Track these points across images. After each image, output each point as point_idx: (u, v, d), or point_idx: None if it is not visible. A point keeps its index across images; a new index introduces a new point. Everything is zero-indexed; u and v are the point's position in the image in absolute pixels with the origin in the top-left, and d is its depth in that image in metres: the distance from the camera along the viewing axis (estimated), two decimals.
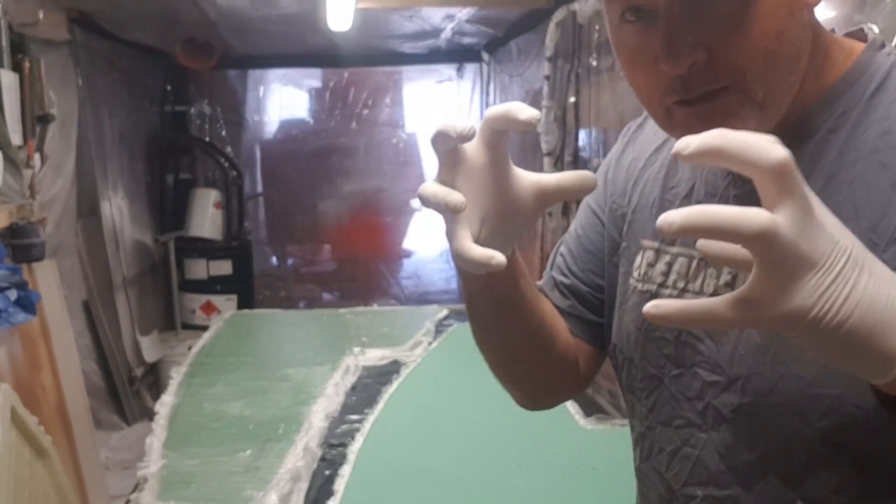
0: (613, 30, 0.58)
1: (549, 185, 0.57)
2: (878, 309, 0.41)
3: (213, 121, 4.93)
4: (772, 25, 0.52)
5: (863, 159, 0.54)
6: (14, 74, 2.54)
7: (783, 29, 0.53)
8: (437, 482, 1.70)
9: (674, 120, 0.57)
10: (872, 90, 0.56)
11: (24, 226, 2.45)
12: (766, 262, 0.40)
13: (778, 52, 0.53)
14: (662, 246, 0.67)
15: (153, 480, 1.68)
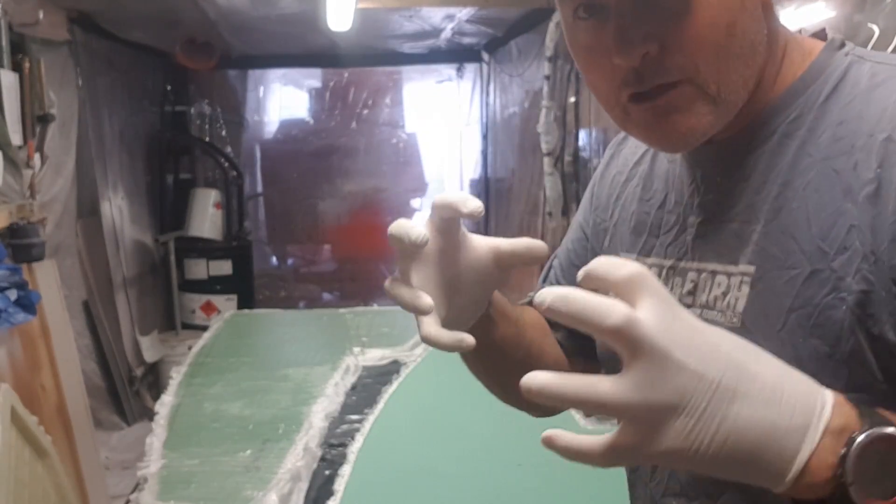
0: (568, 28, 0.58)
1: (504, 251, 0.59)
2: (756, 433, 0.41)
3: (213, 121, 4.93)
4: (722, 18, 0.52)
5: (816, 165, 0.54)
6: (14, 74, 2.54)
7: (734, 22, 0.53)
8: (437, 482, 1.70)
9: (631, 118, 0.57)
10: (827, 93, 0.56)
11: (25, 226, 2.45)
12: (626, 357, 0.41)
13: (729, 45, 0.53)
14: (639, 258, 0.67)
15: (153, 480, 1.68)
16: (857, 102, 0.54)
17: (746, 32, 0.54)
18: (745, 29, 0.53)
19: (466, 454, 1.83)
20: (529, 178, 3.88)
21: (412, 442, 1.93)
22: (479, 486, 1.67)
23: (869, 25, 1.66)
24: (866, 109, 0.53)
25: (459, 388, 2.32)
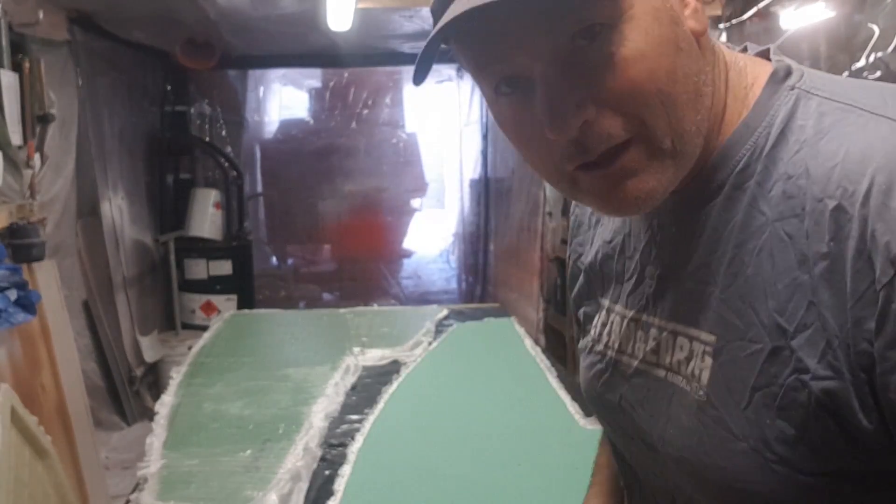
0: (491, 105, 0.53)
1: None
2: None
3: (213, 121, 4.93)
4: (659, 64, 0.48)
5: (769, 227, 0.49)
6: (14, 74, 2.54)
7: (673, 66, 0.48)
8: (437, 482, 1.70)
9: (581, 187, 0.52)
10: (774, 139, 0.51)
11: (24, 226, 2.45)
12: None
13: (673, 92, 0.48)
14: (611, 304, 0.65)
15: (153, 480, 1.68)
16: (805, 153, 0.49)
17: (689, 75, 0.49)
18: (687, 71, 0.49)
19: (466, 454, 1.83)
20: (529, 178, 3.88)
21: (412, 442, 1.93)
22: (479, 485, 1.67)
23: (869, 25, 1.66)
24: (814, 165, 0.48)
25: (459, 388, 2.32)
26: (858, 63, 1.69)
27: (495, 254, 4.93)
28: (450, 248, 5.44)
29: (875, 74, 1.64)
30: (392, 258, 5.40)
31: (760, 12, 2.06)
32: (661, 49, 0.48)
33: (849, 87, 0.51)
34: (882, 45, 1.62)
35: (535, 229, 3.72)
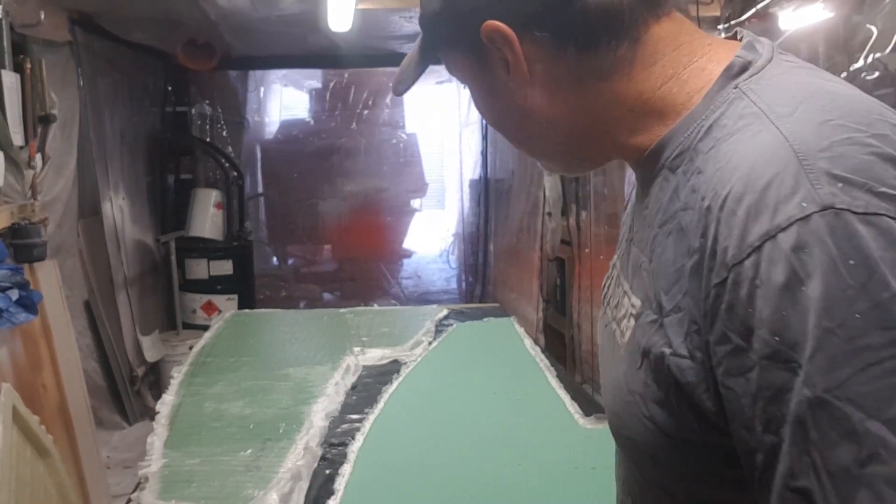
0: None
1: None
2: None
3: (214, 121, 4.94)
4: (490, 119, 0.69)
5: (678, 215, 0.54)
6: (15, 75, 2.55)
7: (500, 124, 0.68)
8: (437, 481, 1.70)
9: None
10: (703, 134, 0.55)
11: (26, 226, 2.46)
12: None
13: (519, 137, 0.68)
14: (614, 261, 0.72)
15: (154, 479, 1.68)
16: (712, 153, 0.53)
17: (512, 129, 0.67)
18: (509, 127, 0.67)
19: (466, 454, 1.83)
20: (529, 178, 3.89)
21: (412, 441, 1.93)
22: (478, 485, 1.68)
23: (867, 26, 1.66)
24: (710, 165, 0.52)
25: (459, 388, 2.33)
26: (857, 64, 1.70)
27: (495, 254, 4.94)
28: (450, 248, 5.44)
29: (873, 75, 1.65)
30: (392, 258, 5.41)
31: (759, 13, 2.06)
32: (508, 116, 0.68)
33: (784, 90, 0.53)
34: (880, 45, 1.62)
35: (535, 229, 3.73)
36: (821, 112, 0.50)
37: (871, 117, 0.50)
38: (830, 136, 0.48)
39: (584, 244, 3.19)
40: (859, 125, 0.49)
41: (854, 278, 0.44)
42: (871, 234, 0.44)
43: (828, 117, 0.49)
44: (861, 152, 0.47)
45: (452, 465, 1.77)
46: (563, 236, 3.39)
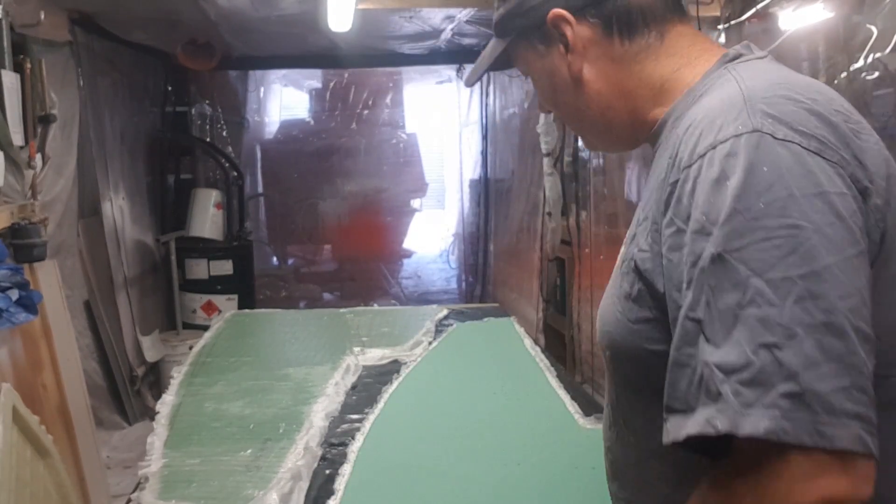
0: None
1: None
2: None
3: (214, 121, 4.94)
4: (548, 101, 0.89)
5: (664, 155, 0.71)
6: (15, 75, 2.55)
7: (557, 103, 0.88)
8: (436, 481, 1.70)
9: None
10: (696, 99, 0.73)
11: (26, 226, 2.46)
12: None
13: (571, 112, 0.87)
14: None
15: (154, 479, 1.68)
16: (694, 106, 0.72)
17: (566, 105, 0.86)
18: (563, 102, 0.86)
19: (466, 453, 1.83)
20: (529, 178, 3.89)
21: (412, 441, 1.93)
22: (478, 485, 1.68)
23: (867, 26, 1.66)
24: (689, 114, 0.71)
25: (459, 388, 2.32)
26: (857, 64, 1.69)
27: (495, 254, 4.94)
28: (450, 248, 5.44)
29: (873, 75, 1.65)
30: (392, 258, 5.41)
31: (759, 13, 2.06)
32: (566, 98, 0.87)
33: (756, 70, 0.72)
34: (880, 45, 1.62)
35: (535, 229, 3.73)
36: (775, 81, 0.68)
37: (812, 91, 0.67)
38: (774, 92, 0.66)
39: (584, 244, 3.19)
40: (800, 92, 0.66)
41: (764, 179, 0.61)
42: (784, 153, 0.62)
43: (778, 83, 0.68)
44: (793, 105, 0.65)
45: (452, 464, 1.77)
46: (563, 236, 3.39)
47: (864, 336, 0.59)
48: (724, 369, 0.59)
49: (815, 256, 0.59)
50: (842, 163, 0.63)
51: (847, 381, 0.57)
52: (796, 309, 0.58)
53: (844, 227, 0.60)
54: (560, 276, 3.49)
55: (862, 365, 0.58)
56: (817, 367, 0.57)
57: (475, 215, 5.22)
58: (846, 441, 0.56)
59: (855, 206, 0.61)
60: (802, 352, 0.57)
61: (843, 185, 0.62)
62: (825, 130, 0.63)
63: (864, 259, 0.61)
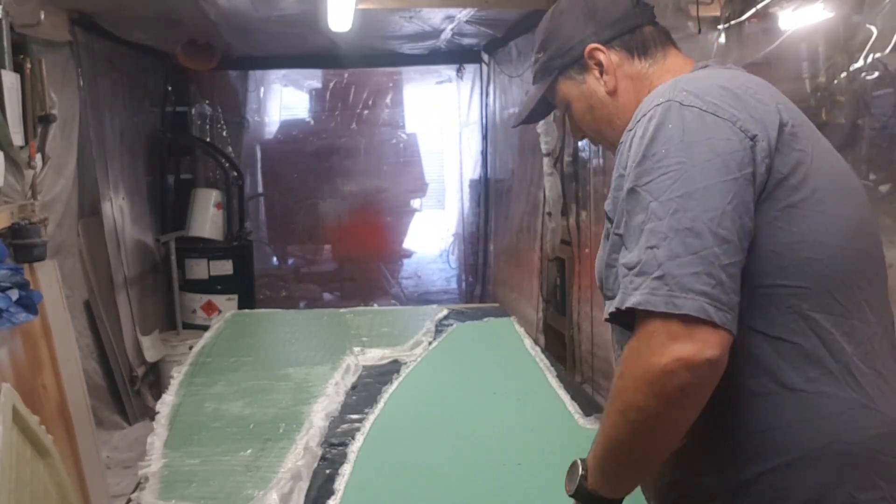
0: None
1: None
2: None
3: (214, 121, 4.94)
4: (586, 122, 1.12)
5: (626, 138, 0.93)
6: (15, 75, 2.55)
7: (593, 118, 1.10)
8: (437, 481, 1.70)
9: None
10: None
11: (26, 226, 2.46)
12: None
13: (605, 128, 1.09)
14: None
15: (154, 479, 1.69)
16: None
17: (603, 116, 1.09)
18: (601, 115, 1.09)
19: (466, 453, 1.83)
20: (529, 178, 3.89)
21: (412, 441, 1.93)
22: (478, 485, 1.68)
23: (867, 26, 1.66)
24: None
25: (459, 388, 2.32)
26: (857, 64, 1.69)
27: (495, 254, 4.93)
28: (450, 248, 5.44)
29: (873, 75, 1.65)
30: (392, 258, 5.41)
31: (759, 13, 2.06)
32: (585, 115, 1.12)
33: (707, 70, 0.98)
34: (880, 45, 1.62)
35: (535, 229, 3.72)
36: (704, 73, 0.96)
37: (730, 77, 0.93)
38: (696, 76, 0.94)
39: (584, 244, 3.18)
40: (717, 76, 0.93)
41: (667, 133, 0.85)
42: (686, 114, 0.86)
43: (705, 74, 0.96)
44: (706, 82, 0.90)
45: (452, 464, 1.77)
46: (563, 236, 3.39)
47: (721, 238, 0.80)
48: (627, 266, 0.83)
49: (691, 182, 0.81)
50: (732, 118, 0.85)
51: (700, 268, 0.79)
52: (672, 220, 0.81)
53: (720, 162, 0.82)
54: (560, 276, 3.49)
55: (715, 258, 0.79)
56: (678, 258, 0.79)
57: (475, 215, 5.22)
58: (691, 310, 0.77)
59: (739, 147, 0.83)
60: (670, 248, 0.80)
61: (731, 132, 0.84)
62: (726, 97, 0.86)
63: (735, 184, 0.82)
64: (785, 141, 0.86)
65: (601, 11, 1.08)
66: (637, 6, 1.09)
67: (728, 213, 0.80)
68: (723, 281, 0.78)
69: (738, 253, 0.81)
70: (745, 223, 0.81)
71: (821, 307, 0.84)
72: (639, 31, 1.07)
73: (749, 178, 0.82)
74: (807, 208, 0.85)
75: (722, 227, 0.80)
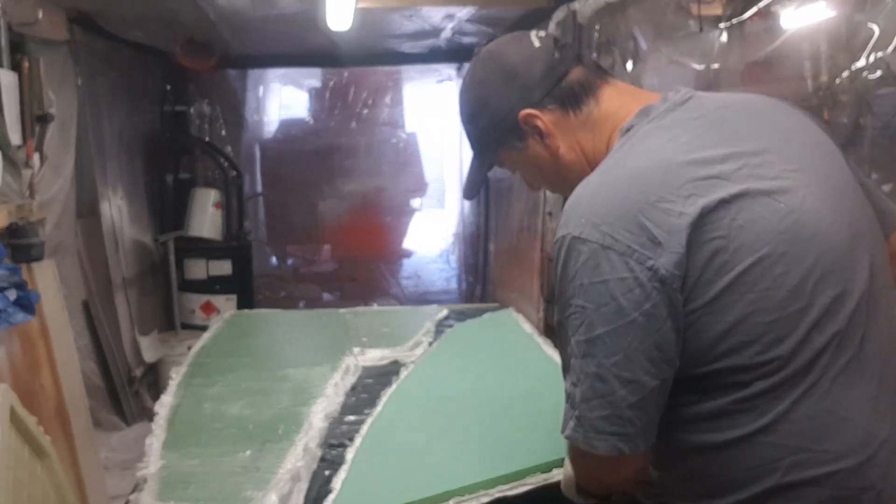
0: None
1: None
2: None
3: (213, 120, 4.93)
4: (537, 180, 1.15)
5: None
6: (13, 74, 2.54)
7: (544, 178, 1.12)
8: (437, 481, 1.69)
9: None
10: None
11: (24, 226, 2.45)
12: None
13: (558, 182, 1.09)
14: None
15: (152, 481, 1.68)
16: (577, 190, 0.95)
17: (561, 170, 1.07)
18: (559, 168, 1.07)
19: (466, 454, 1.82)
20: None
21: (412, 442, 1.92)
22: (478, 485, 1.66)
23: (869, 25, 1.65)
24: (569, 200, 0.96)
25: (459, 388, 2.31)
26: (858, 63, 1.69)
27: (495, 254, 4.93)
28: (450, 248, 5.44)
29: (875, 74, 1.64)
30: (392, 258, 5.40)
31: (761, 12, 2.05)
32: (538, 172, 1.13)
33: (625, 152, 0.95)
34: (882, 44, 1.61)
35: (535, 229, 3.72)
36: (616, 175, 0.93)
37: (639, 181, 0.90)
38: (598, 195, 0.92)
39: None
40: (622, 189, 0.91)
41: (569, 271, 0.89)
42: (584, 249, 0.88)
43: (614, 179, 0.93)
44: (606, 207, 0.90)
45: (453, 464, 1.76)
46: None
47: (624, 380, 0.86)
48: (566, 391, 0.93)
49: (592, 328, 0.87)
50: (628, 252, 0.85)
51: (608, 411, 0.87)
52: (582, 363, 0.88)
53: (615, 306, 0.85)
54: None
55: (621, 400, 0.86)
56: (589, 401, 0.88)
57: (475, 215, 5.22)
58: (605, 450, 0.88)
59: (635, 284, 0.84)
60: (583, 391, 0.88)
61: (626, 269, 0.84)
62: (623, 226, 0.85)
63: (632, 325, 0.85)
64: (699, 238, 0.84)
65: (522, 73, 1.03)
66: (556, 52, 1.03)
67: (630, 354, 0.85)
68: (630, 419, 0.87)
69: (644, 388, 0.86)
70: (653, 354, 0.85)
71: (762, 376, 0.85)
72: (565, 79, 1.02)
73: (648, 312, 0.84)
74: (732, 294, 0.84)
75: (625, 369, 0.86)
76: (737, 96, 1.04)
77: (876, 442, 0.85)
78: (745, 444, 0.86)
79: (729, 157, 0.89)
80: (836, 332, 0.85)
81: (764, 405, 0.85)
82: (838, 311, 0.86)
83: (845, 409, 0.85)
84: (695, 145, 0.90)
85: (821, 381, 0.84)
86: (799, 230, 0.86)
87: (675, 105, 0.96)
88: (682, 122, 0.94)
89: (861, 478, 0.85)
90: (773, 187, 0.87)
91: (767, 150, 0.91)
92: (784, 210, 0.86)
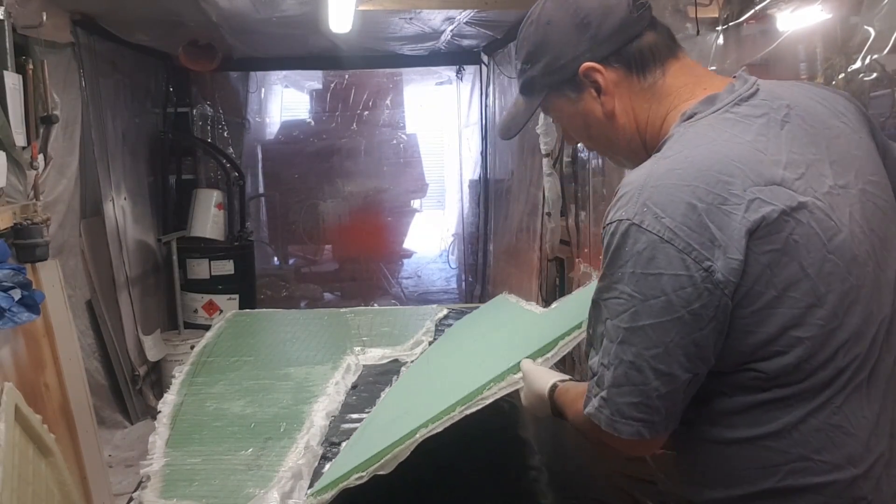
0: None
1: None
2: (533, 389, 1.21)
3: (215, 122, 4.95)
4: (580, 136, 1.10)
5: None
6: (18, 76, 2.56)
7: (590, 136, 1.08)
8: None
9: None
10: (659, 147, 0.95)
11: (28, 226, 2.47)
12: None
13: (605, 144, 1.07)
14: None
15: (156, 478, 1.69)
16: (631, 174, 0.93)
17: (602, 135, 1.05)
18: (601, 133, 1.05)
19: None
20: (528, 178, 3.90)
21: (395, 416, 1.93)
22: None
23: (865, 28, 1.67)
24: (622, 183, 0.92)
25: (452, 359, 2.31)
26: (854, 65, 1.70)
27: (495, 254, 4.94)
28: (450, 248, 5.46)
29: (871, 76, 1.66)
30: (392, 258, 5.42)
31: (757, 15, 2.07)
32: (581, 132, 1.10)
33: (691, 137, 0.92)
34: (878, 47, 1.63)
35: (535, 230, 3.73)
36: (684, 161, 0.89)
37: (710, 172, 0.86)
38: (666, 180, 0.87)
39: (584, 244, 3.20)
40: (691, 178, 0.86)
41: (623, 256, 0.87)
42: (642, 238, 0.86)
43: (683, 165, 0.88)
44: (671, 195, 0.86)
45: (423, 410, 1.77)
46: (562, 236, 3.40)
47: (660, 372, 0.86)
48: (591, 370, 0.94)
49: (637, 317, 0.86)
50: (687, 249, 0.83)
51: (638, 399, 0.88)
52: (619, 348, 0.87)
53: (665, 301, 0.84)
54: (559, 276, 3.50)
55: (653, 391, 0.87)
56: (620, 387, 0.88)
57: (475, 215, 5.23)
58: (628, 434, 0.89)
59: (688, 283, 0.84)
60: (614, 376, 0.88)
61: (682, 266, 0.83)
62: (687, 219, 0.84)
63: (678, 322, 0.84)
64: (756, 249, 0.84)
65: (595, 24, 0.98)
66: (633, 11, 0.98)
67: (670, 348, 0.85)
68: (657, 408, 0.88)
69: (677, 380, 0.87)
70: (691, 350, 0.85)
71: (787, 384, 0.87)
72: (637, 41, 0.97)
73: (696, 311, 0.84)
74: (778, 307, 0.85)
75: (662, 362, 0.86)
76: (799, 90, 1.00)
77: (872, 457, 0.87)
78: (750, 444, 0.88)
79: (790, 163, 0.88)
80: (858, 354, 0.87)
81: (777, 412, 0.86)
82: (864, 333, 0.87)
83: (852, 426, 0.86)
84: (759, 146, 0.89)
85: (835, 398, 0.86)
86: (844, 251, 0.87)
87: (741, 99, 0.93)
88: (747, 118, 0.91)
89: (855, 489, 0.86)
90: (827, 204, 0.88)
91: (822, 160, 0.91)
92: (834, 229, 0.87)
